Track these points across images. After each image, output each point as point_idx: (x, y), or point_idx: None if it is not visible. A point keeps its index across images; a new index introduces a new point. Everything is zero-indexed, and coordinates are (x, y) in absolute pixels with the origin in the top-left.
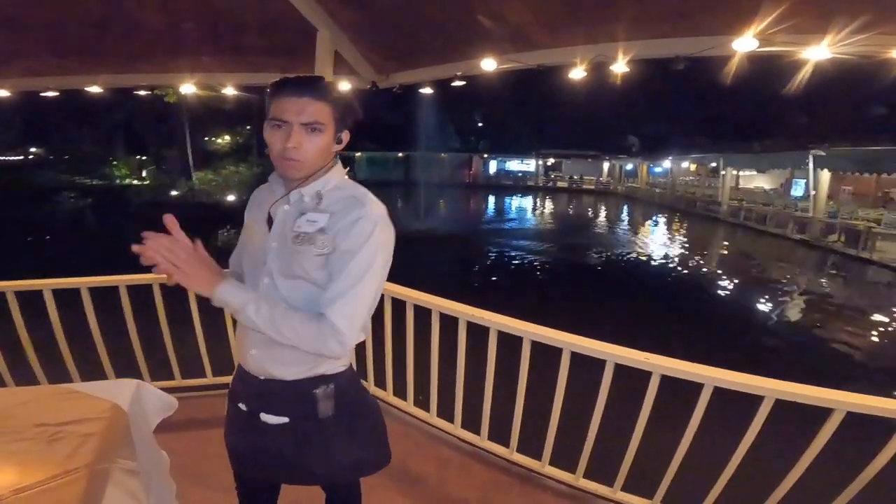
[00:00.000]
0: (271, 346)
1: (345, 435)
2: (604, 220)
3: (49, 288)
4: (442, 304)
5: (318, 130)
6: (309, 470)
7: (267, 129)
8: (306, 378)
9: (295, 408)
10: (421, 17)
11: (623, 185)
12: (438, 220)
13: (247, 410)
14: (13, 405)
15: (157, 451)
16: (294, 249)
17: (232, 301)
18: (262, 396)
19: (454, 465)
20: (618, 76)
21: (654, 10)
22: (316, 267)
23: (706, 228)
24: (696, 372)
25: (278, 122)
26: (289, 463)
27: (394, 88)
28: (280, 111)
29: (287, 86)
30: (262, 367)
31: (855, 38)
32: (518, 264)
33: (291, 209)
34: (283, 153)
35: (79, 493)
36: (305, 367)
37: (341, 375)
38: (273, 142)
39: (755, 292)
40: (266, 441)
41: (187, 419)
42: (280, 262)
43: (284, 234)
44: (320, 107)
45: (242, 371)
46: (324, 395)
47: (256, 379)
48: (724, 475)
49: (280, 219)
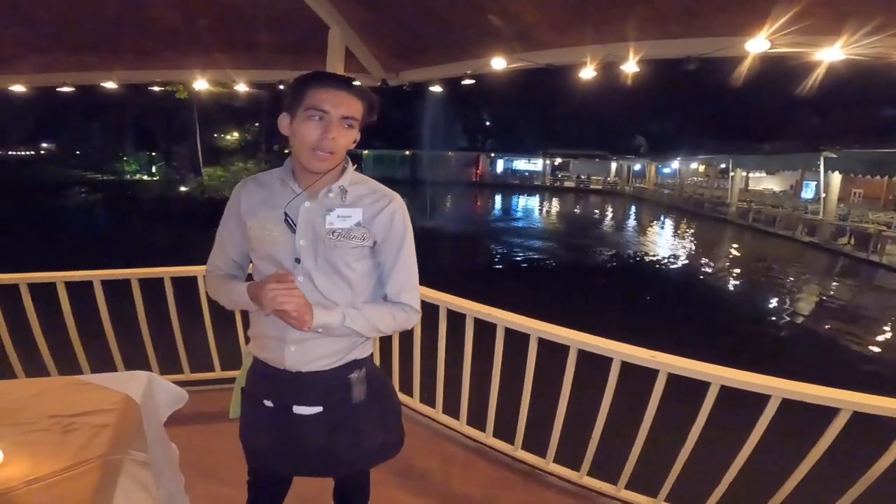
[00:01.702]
0: (309, 341)
1: (373, 418)
2: (611, 221)
3: (62, 280)
4: (449, 301)
5: (351, 126)
6: (338, 458)
7: (299, 118)
8: (342, 365)
9: (330, 396)
10: (431, 16)
11: (631, 185)
12: (445, 218)
13: (275, 406)
14: (27, 396)
15: (168, 443)
16: (332, 245)
17: (331, 321)
18: (296, 390)
19: (459, 461)
20: (627, 76)
21: (664, 9)
22: (357, 258)
23: (714, 230)
24: (703, 370)
25: (319, 113)
26: (319, 453)
27: (403, 86)
28: (320, 101)
29: (327, 78)
30: (301, 361)
31: (868, 40)
32: (524, 263)
33: (315, 206)
34: (319, 145)
35: (92, 483)
36: (341, 355)
37: (368, 359)
38: (306, 132)
39: (763, 294)
40: (297, 434)
41: (196, 413)
42: (317, 258)
43: (315, 231)
44: (356, 103)
45: (269, 369)
46: (357, 380)
47: (289, 374)
48: (728, 474)
49: (304, 217)
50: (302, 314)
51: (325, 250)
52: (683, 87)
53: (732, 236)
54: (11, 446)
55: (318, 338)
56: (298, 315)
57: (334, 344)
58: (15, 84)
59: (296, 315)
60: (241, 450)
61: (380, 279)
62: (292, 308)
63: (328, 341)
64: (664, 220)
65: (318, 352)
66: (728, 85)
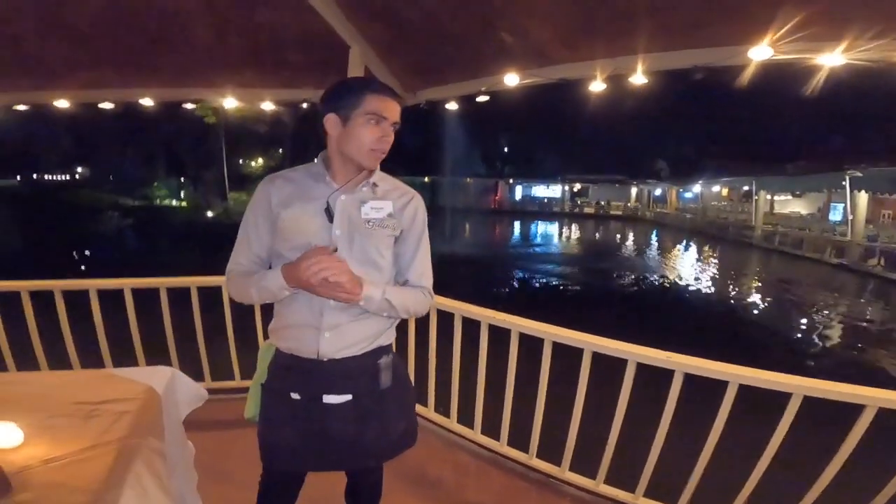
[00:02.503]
0: (343, 326)
1: (397, 404)
2: (632, 246)
3: (94, 288)
4: (464, 308)
5: (395, 130)
6: (364, 448)
7: (357, 122)
8: (371, 350)
9: (359, 383)
10: (445, 35)
11: (652, 210)
12: (466, 244)
13: (302, 398)
14: (53, 386)
15: (184, 440)
16: (367, 233)
17: (375, 294)
18: (327, 379)
19: (472, 470)
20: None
21: (669, 22)
22: (387, 246)
23: (739, 254)
24: (720, 370)
25: (379, 118)
26: (345, 444)
27: (420, 105)
28: (382, 108)
29: (382, 87)
30: (336, 347)
31: (869, 45)
32: (544, 288)
33: (351, 199)
34: (378, 146)
35: (106, 464)
36: (371, 339)
37: (391, 346)
38: (365, 134)
39: (794, 318)
40: (325, 426)
41: (214, 420)
42: (352, 247)
43: (351, 221)
44: (399, 110)
45: (297, 360)
46: (385, 366)
47: (319, 363)
48: (751, 479)
49: (341, 208)
50: (354, 284)
51: (360, 239)
52: (704, 110)
53: (759, 260)
54: (33, 429)
55: (350, 322)
56: (351, 286)
57: (366, 329)
58: (60, 99)
59: (349, 286)
60: (256, 455)
61: (399, 269)
62: (347, 279)
63: (360, 326)
64: (687, 244)
65: (351, 337)
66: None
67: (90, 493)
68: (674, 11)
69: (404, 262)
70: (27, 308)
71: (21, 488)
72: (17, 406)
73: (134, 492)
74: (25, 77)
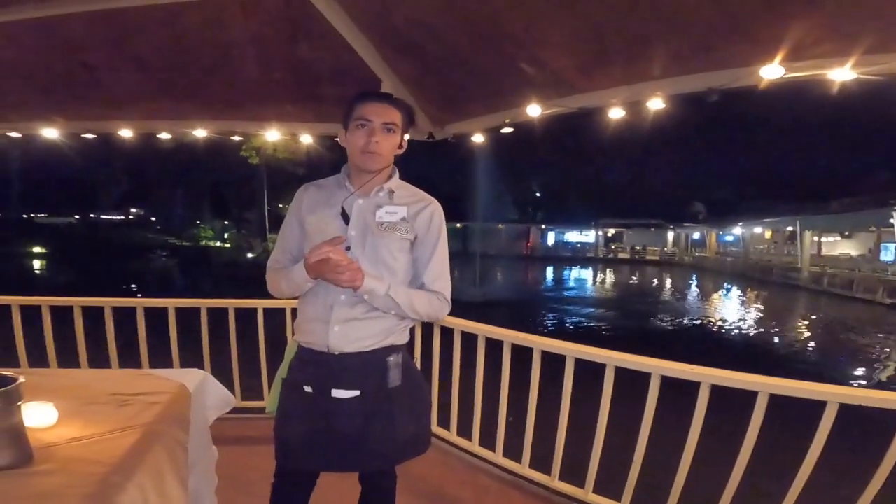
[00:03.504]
0: (351, 322)
1: (407, 407)
2: (670, 290)
3: (141, 306)
4: (488, 329)
5: (392, 131)
6: (369, 448)
7: (351, 129)
8: (380, 347)
9: (368, 379)
10: (468, 68)
11: (690, 255)
12: (498, 288)
13: (313, 392)
14: (94, 380)
15: (209, 443)
16: (379, 235)
17: (377, 287)
18: (336, 372)
19: (493, 492)
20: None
21: (681, 47)
22: (399, 249)
23: (786, 296)
24: (748, 380)
25: (363, 122)
26: (352, 443)
27: (448, 139)
28: (365, 113)
29: (370, 95)
30: (344, 341)
31: (878, 57)
32: (579, 329)
33: (367, 203)
34: (367, 147)
35: (129, 444)
36: (381, 336)
37: (404, 347)
38: (356, 139)
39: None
40: (332, 421)
41: (240, 436)
42: (364, 248)
43: (366, 223)
44: (394, 112)
45: (312, 353)
46: (394, 364)
47: (331, 356)
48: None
49: (357, 211)
50: (355, 270)
51: (372, 240)
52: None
53: (807, 302)
54: (69, 413)
55: (360, 318)
56: (351, 271)
57: (375, 325)
58: (123, 129)
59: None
60: None
61: (415, 274)
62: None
63: (369, 323)
64: (730, 288)
65: (359, 332)
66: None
67: (108, 466)
68: (684, 35)
69: (420, 267)
70: (77, 321)
71: (43, 461)
72: (56, 395)
73: (150, 471)
74: (93, 105)
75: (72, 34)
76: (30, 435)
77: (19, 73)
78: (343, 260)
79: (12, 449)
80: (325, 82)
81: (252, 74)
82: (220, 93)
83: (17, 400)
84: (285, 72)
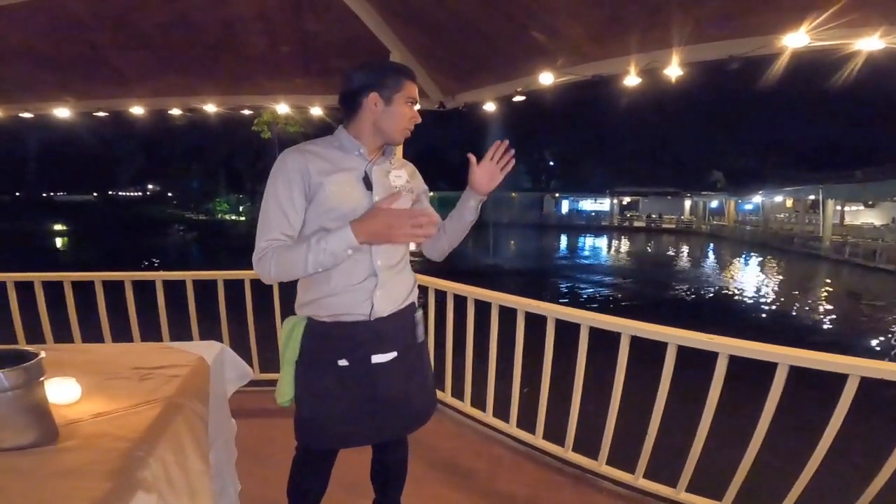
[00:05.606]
0: (390, 282)
1: (427, 361)
2: (686, 258)
3: (160, 279)
4: (501, 297)
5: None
6: (411, 405)
7: (397, 102)
8: (408, 305)
9: (401, 338)
10: (480, 37)
11: (708, 223)
12: (512, 257)
13: (350, 363)
14: (115, 354)
15: (228, 416)
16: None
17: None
18: (373, 338)
19: (506, 463)
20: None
21: (700, 15)
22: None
23: (806, 266)
24: (768, 350)
25: (412, 100)
26: (396, 404)
27: (460, 108)
28: (413, 92)
29: (414, 76)
30: (387, 304)
31: None
32: (593, 298)
33: (379, 169)
34: (411, 124)
35: (150, 418)
36: (408, 293)
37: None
38: (403, 114)
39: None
40: (376, 387)
41: (259, 408)
42: None
43: (385, 188)
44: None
45: (340, 326)
46: (419, 319)
47: (367, 322)
48: (805, 472)
49: (376, 177)
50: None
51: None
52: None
53: (828, 272)
54: (92, 388)
55: (395, 277)
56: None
57: (406, 281)
58: (134, 106)
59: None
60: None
61: None
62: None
63: (402, 279)
64: (748, 257)
65: (398, 291)
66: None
67: (130, 441)
68: (704, 2)
69: None
70: (99, 295)
71: (67, 437)
72: (79, 370)
73: (170, 444)
74: (103, 84)
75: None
76: (54, 411)
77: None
78: (427, 209)
79: (38, 427)
80: (334, 54)
81: (259, 48)
82: (228, 68)
83: (38, 376)
84: (292, 44)
